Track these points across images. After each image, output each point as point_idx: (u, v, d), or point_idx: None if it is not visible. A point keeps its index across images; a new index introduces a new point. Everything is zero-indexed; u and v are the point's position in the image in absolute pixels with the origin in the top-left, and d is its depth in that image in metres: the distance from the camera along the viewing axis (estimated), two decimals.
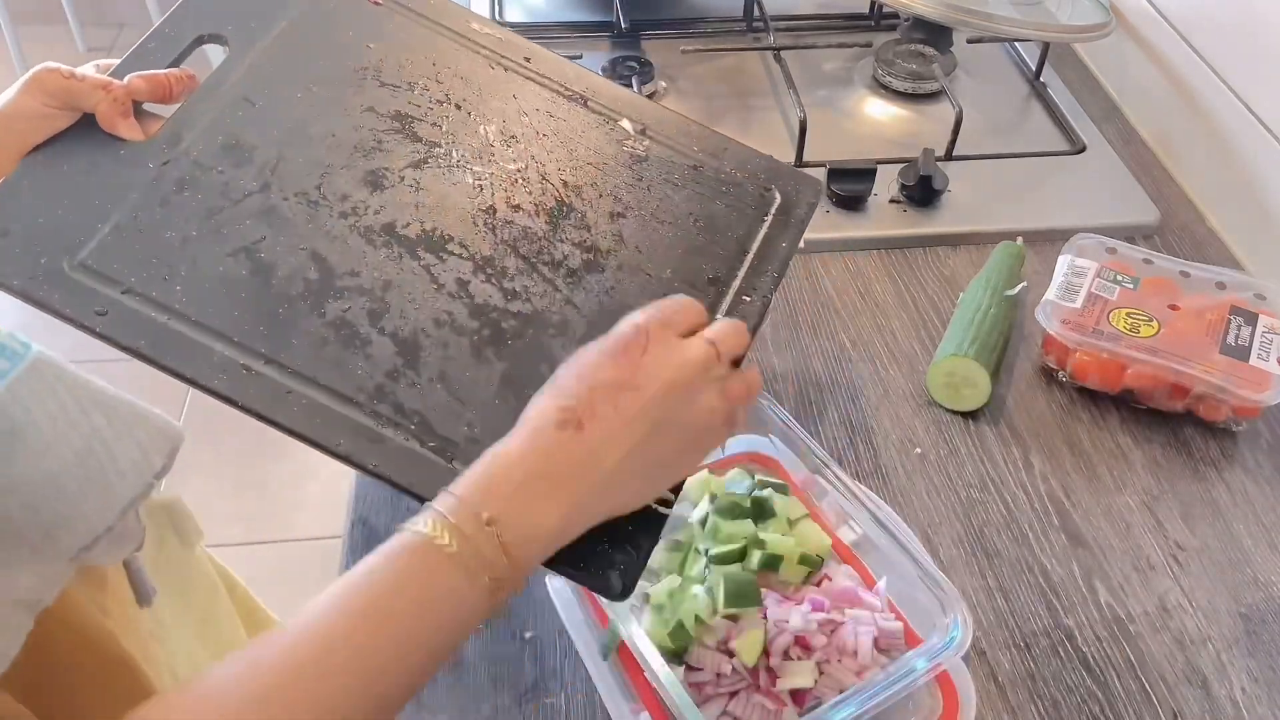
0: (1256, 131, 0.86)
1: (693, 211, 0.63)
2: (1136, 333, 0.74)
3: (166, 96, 0.60)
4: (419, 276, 0.57)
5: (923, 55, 1.06)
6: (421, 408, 0.53)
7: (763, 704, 0.54)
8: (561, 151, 0.64)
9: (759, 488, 0.63)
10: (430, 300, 0.56)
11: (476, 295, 0.57)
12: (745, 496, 0.62)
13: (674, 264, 0.60)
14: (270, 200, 0.58)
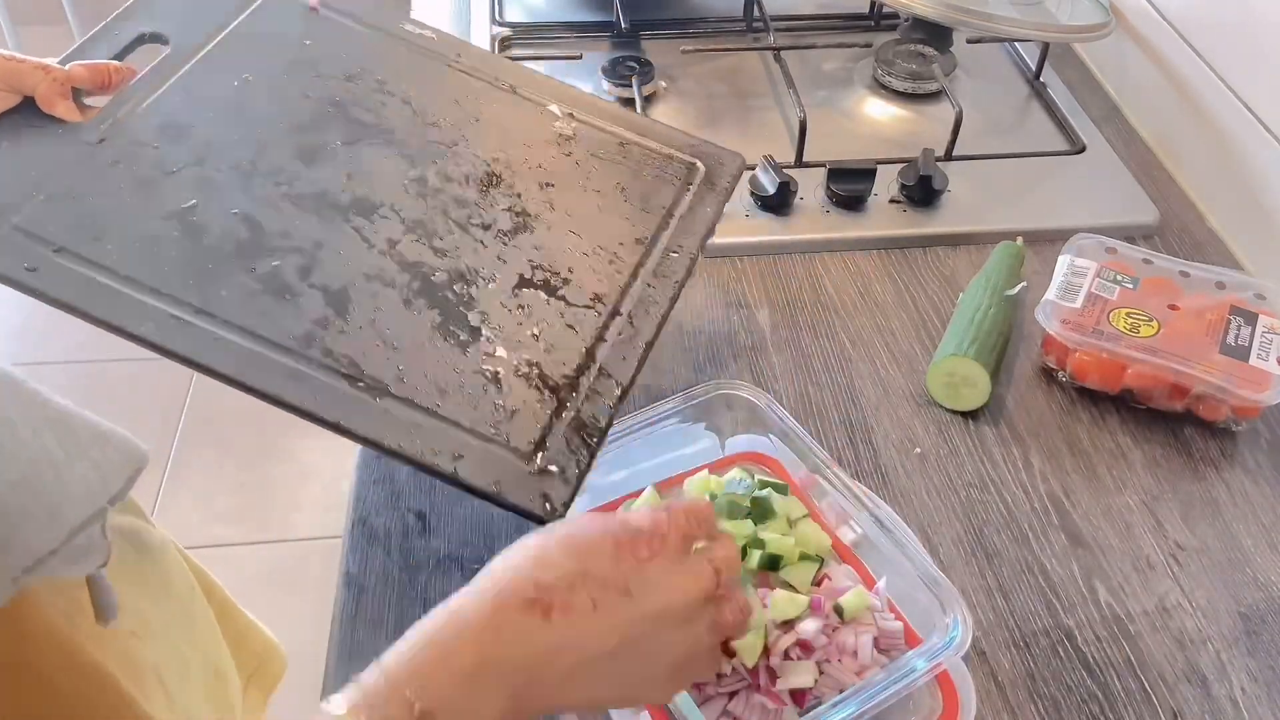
0: (1256, 131, 0.86)
1: (620, 182, 0.68)
2: (1136, 333, 0.74)
3: (106, 85, 0.62)
4: (349, 237, 0.60)
5: (923, 55, 1.06)
6: (351, 351, 0.55)
7: (763, 704, 0.54)
8: (492, 131, 0.69)
9: (759, 488, 0.63)
10: (361, 257, 0.60)
11: (407, 253, 0.61)
12: (745, 496, 0.62)
13: (602, 226, 0.65)
14: (204, 171, 0.61)
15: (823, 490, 0.63)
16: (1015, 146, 1.00)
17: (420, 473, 0.52)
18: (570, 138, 0.69)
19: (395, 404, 0.54)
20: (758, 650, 0.55)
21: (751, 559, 0.59)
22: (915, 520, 0.68)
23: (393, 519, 0.67)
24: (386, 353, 0.55)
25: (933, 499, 0.69)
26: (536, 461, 0.53)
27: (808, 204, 0.90)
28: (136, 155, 0.61)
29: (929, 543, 0.67)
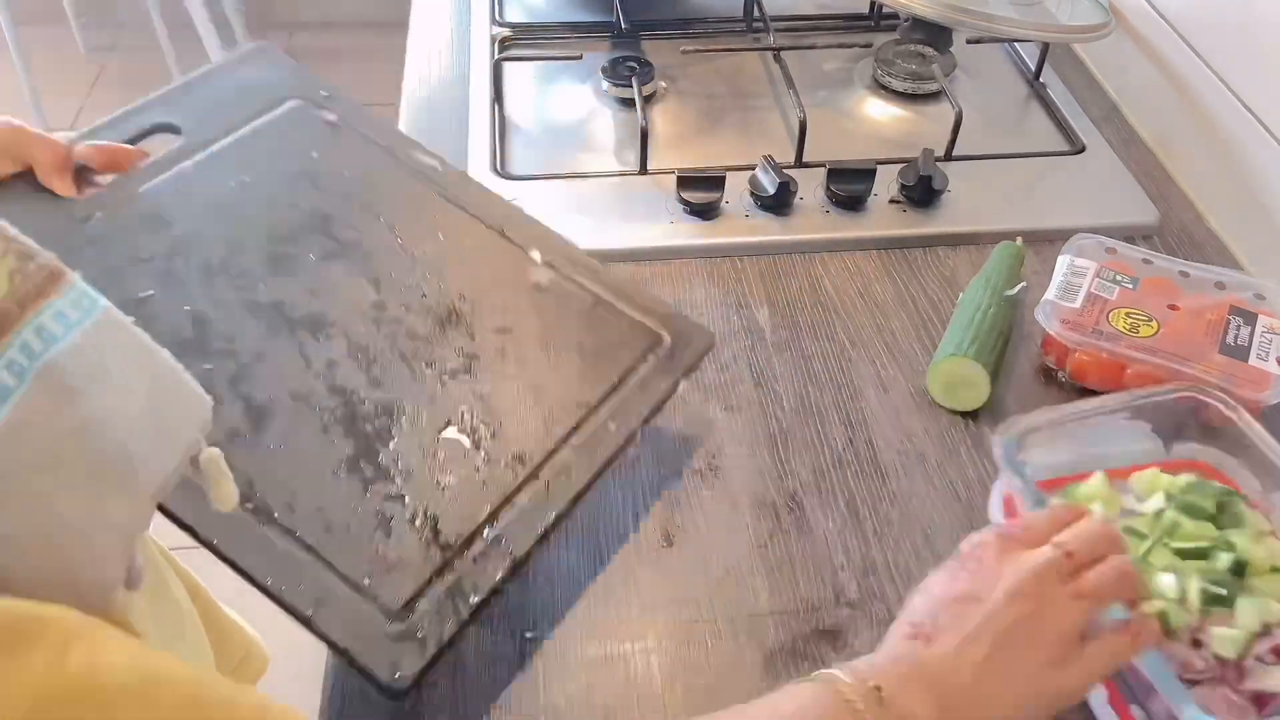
0: (1256, 131, 0.86)
1: (581, 340, 0.65)
2: (1136, 333, 0.73)
3: (115, 166, 0.64)
4: (290, 352, 0.60)
5: (922, 55, 1.06)
6: (250, 470, 0.54)
7: (1228, 696, 0.53)
8: (467, 269, 0.68)
9: (1222, 494, 0.62)
10: (295, 375, 0.59)
11: (341, 378, 0.60)
12: (1208, 497, 0.61)
13: (549, 383, 0.63)
14: (172, 265, 0.62)
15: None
16: (1015, 146, 1.00)
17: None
18: (544, 288, 0.68)
19: (276, 533, 0.53)
20: (1236, 644, 0.54)
21: (1218, 560, 0.57)
22: (915, 520, 0.68)
23: None
24: (286, 478, 0.55)
25: (932, 499, 0.69)
26: (401, 624, 0.51)
27: (808, 204, 0.90)
28: (114, 239, 0.61)
29: (929, 543, 0.67)
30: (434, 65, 1.10)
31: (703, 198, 0.88)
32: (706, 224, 0.89)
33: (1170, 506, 0.61)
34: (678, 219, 0.89)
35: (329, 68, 2.86)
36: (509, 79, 1.06)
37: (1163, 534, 0.60)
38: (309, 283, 0.64)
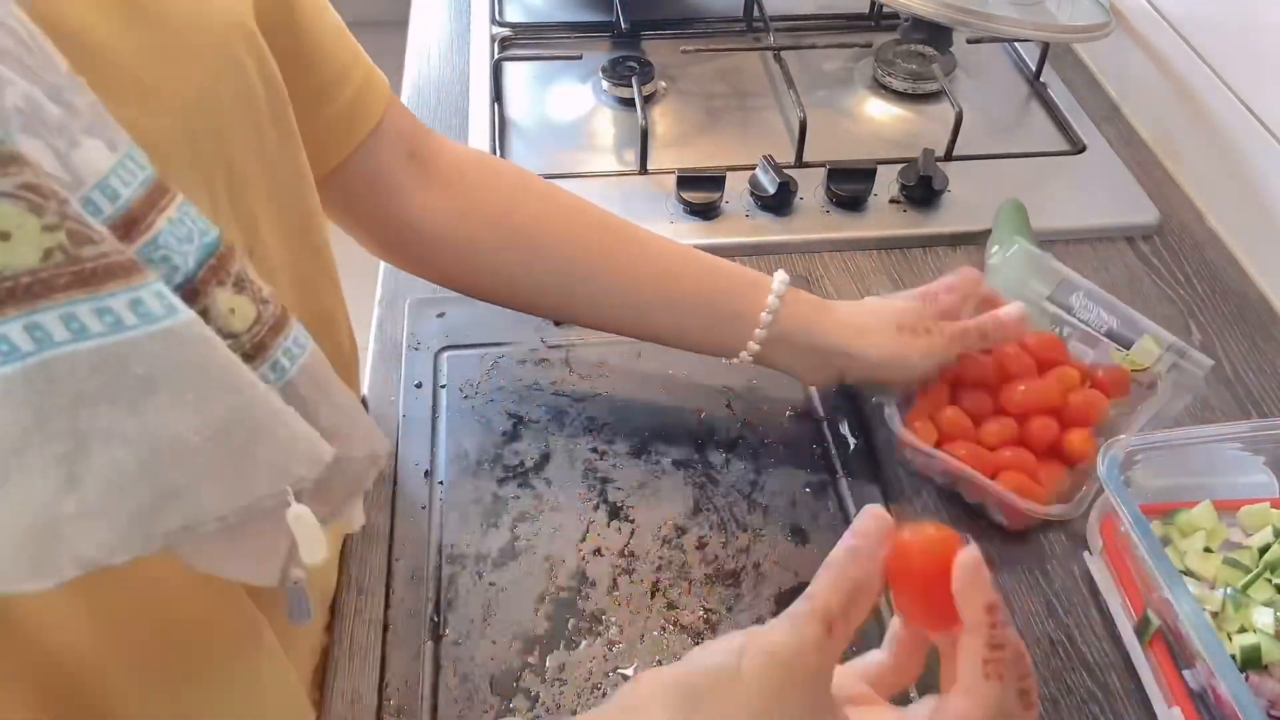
0: (1256, 131, 0.86)
1: None
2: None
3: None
4: (577, 519, 0.66)
5: (922, 55, 1.06)
6: (459, 588, 0.62)
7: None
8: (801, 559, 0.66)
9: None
10: (563, 539, 0.65)
11: (592, 569, 0.64)
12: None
13: None
14: (563, 404, 0.72)
15: None
16: (1015, 146, 1.00)
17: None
18: None
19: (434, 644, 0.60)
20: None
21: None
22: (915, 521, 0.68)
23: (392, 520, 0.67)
24: (479, 612, 0.62)
25: (932, 499, 0.69)
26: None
27: (808, 204, 0.90)
28: (556, 364, 0.76)
29: None
30: (434, 65, 1.10)
31: (703, 198, 0.88)
32: (706, 224, 0.89)
33: (1279, 542, 0.61)
34: (678, 219, 0.89)
35: None
36: (509, 79, 1.06)
37: (1266, 569, 0.60)
38: (645, 478, 0.68)
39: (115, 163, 0.34)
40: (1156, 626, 0.59)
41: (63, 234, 0.31)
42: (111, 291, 0.32)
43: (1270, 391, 0.77)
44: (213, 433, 0.35)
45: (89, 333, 0.32)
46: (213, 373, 0.35)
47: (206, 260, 0.37)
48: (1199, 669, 0.57)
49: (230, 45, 0.45)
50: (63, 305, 0.31)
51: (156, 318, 0.33)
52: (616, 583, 0.63)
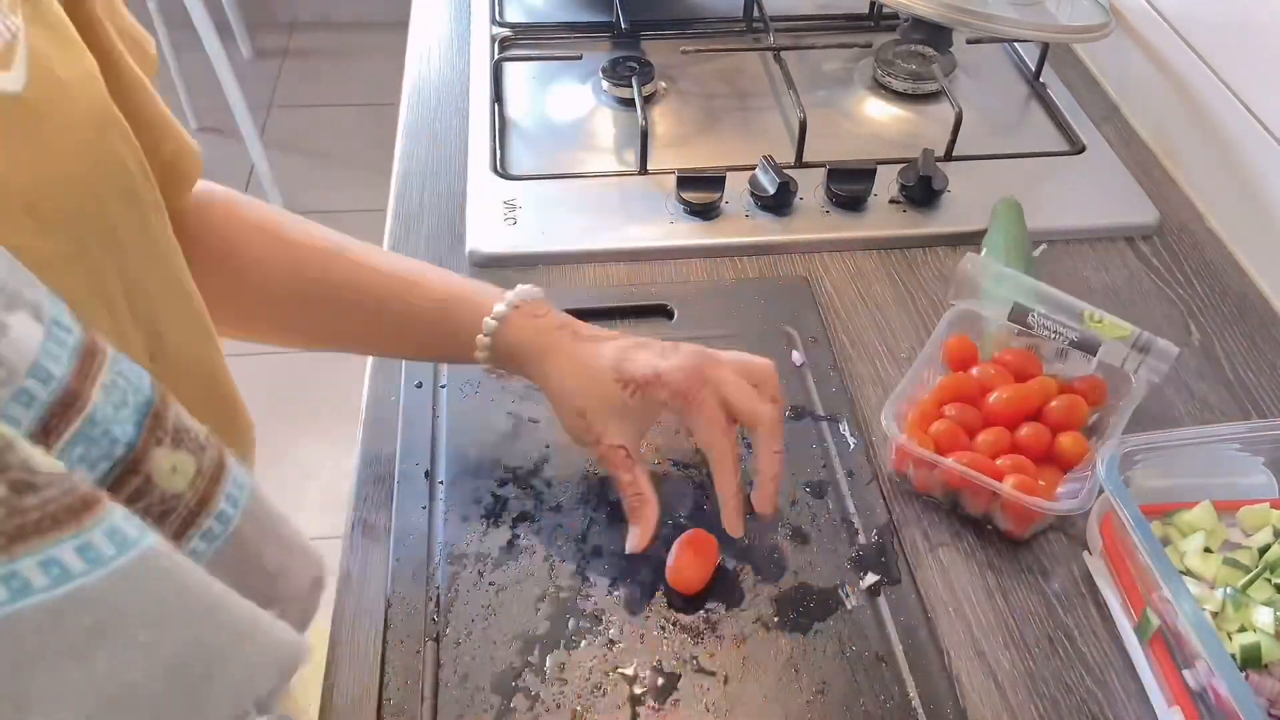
0: (1256, 131, 0.86)
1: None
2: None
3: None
4: (573, 546, 0.65)
5: (922, 56, 1.06)
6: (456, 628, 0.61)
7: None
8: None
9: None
10: (559, 548, 0.65)
11: (583, 600, 0.63)
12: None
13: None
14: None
15: None
16: (1015, 146, 1.00)
17: None
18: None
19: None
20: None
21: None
22: (915, 522, 0.68)
23: (392, 519, 0.67)
24: (469, 627, 0.61)
25: (932, 500, 0.69)
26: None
27: (808, 204, 0.90)
28: None
29: (928, 542, 0.67)
30: (434, 65, 1.10)
31: (703, 198, 0.88)
32: (706, 224, 0.89)
33: (1278, 543, 0.61)
34: (678, 219, 0.89)
35: (329, 68, 2.86)
36: (509, 79, 1.06)
37: (1266, 569, 0.60)
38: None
39: (43, 336, 0.32)
40: (1156, 626, 0.59)
41: (3, 487, 0.28)
42: (57, 539, 0.29)
43: (1270, 391, 0.77)
44: (167, 672, 0.33)
45: (32, 589, 0.29)
46: (170, 605, 0.33)
47: (144, 421, 0.35)
48: (1199, 669, 0.57)
49: (104, 138, 0.43)
50: (2, 565, 0.28)
51: (108, 559, 0.30)
52: (616, 583, 0.63)
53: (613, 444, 0.61)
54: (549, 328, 0.62)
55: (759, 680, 0.58)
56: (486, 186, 0.92)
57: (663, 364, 0.60)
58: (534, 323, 0.62)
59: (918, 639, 0.60)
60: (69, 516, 0.30)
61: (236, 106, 2.25)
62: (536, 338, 0.62)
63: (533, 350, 0.62)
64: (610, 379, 0.60)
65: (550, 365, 0.62)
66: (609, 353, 0.61)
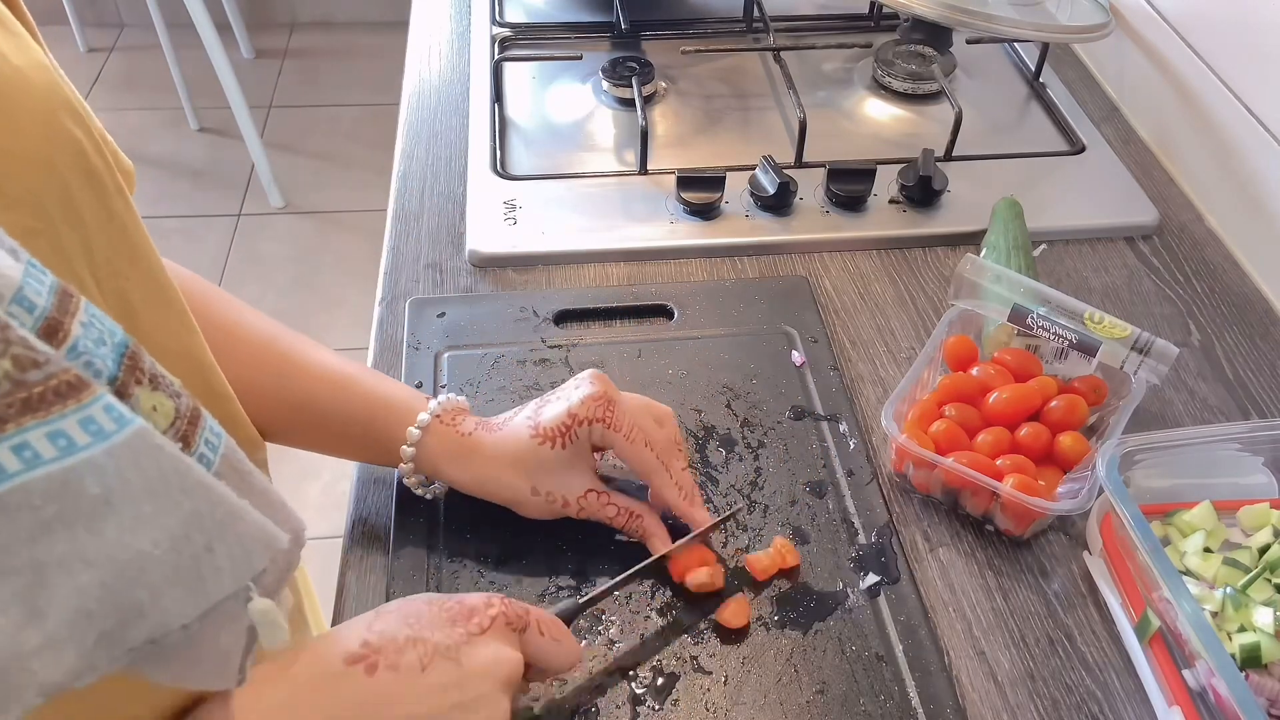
0: (1256, 131, 0.86)
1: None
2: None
3: None
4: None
5: (922, 56, 1.06)
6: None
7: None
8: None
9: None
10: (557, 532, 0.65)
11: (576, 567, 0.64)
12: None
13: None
14: None
15: None
16: (1015, 146, 1.00)
17: None
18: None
19: None
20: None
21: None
22: (914, 522, 0.68)
23: (392, 519, 0.67)
24: None
25: (931, 499, 0.69)
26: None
27: (807, 204, 0.90)
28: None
29: (928, 541, 0.67)
30: (434, 65, 1.10)
31: (703, 198, 0.88)
32: (706, 224, 0.89)
33: (1278, 543, 0.61)
34: (678, 219, 0.89)
35: (329, 68, 2.86)
36: (509, 79, 1.06)
37: (1266, 568, 0.60)
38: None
39: (23, 271, 0.33)
40: (1156, 626, 0.59)
41: (8, 361, 0.30)
42: (61, 413, 0.31)
43: (1270, 391, 0.78)
44: (173, 542, 0.34)
45: (42, 459, 0.31)
46: (169, 479, 0.34)
47: (122, 359, 0.36)
48: (1199, 669, 0.57)
49: (61, 121, 0.43)
50: (13, 435, 0.30)
51: (108, 434, 0.32)
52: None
53: (579, 496, 0.63)
54: (464, 434, 0.63)
55: (759, 680, 0.58)
56: (486, 186, 0.92)
57: (571, 404, 0.62)
58: (452, 431, 0.63)
59: (918, 639, 0.60)
60: (70, 392, 0.31)
61: (236, 106, 2.25)
62: (456, 444, 0.63)
63: (458, 455, 0.63)
64: (535, 446, 0.61)
65: (475, 464, 0.62)
66: (522, 424, 0.62)
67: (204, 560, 0.36)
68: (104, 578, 0.33)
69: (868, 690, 0.58)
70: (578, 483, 0.62)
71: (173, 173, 2.50)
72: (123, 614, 0.34)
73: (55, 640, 0.32)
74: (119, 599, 0.33)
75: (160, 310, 0.50)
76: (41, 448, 0.31)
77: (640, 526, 0.64)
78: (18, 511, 0.31)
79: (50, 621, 0.32)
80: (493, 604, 0.51)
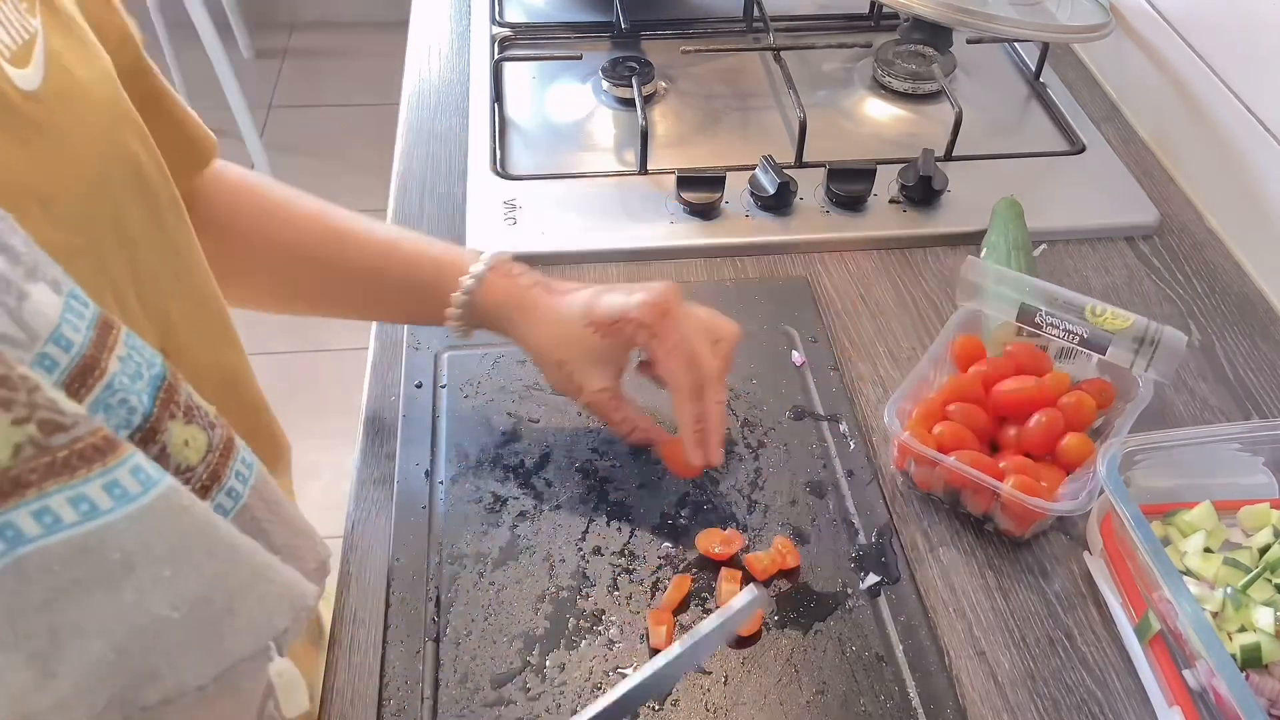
0: (1256, 131, 0.86)
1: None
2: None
3: None
4: (579, 518, 0.66)
5: (922, 55, 1.06)
6: (460, 591, 0.63)
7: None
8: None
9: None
10: (565, 535, 0.66)
11: (592, 569, 0.64)
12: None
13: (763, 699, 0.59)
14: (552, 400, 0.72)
15: None
16: (1015, 146, 1.00)
17: None
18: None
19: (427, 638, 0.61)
20: None
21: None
22: (914, 522, 0.68)
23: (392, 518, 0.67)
24: (475, 609, 0.62)
25: (932, 499, 0.69)
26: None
27: (807, 204, 0.90)
28: None
29: (928, 540, 0.67)
30: (434, 65, 1.10)
31: (703, 198, 0.88)
32: (706, 224, 0.89)
33: (1279, 543, 0.61)
34: (678, 219, 0.89)
35: (329, 68, 2.86)
36: (509, 79, 1.06)
37: (1266, 568, 0.60)
38: (644, 478, 0.68)
39: (63, 307, 0.33)
40: (1157, 627, 0.59)
41: (33, 426, 0.30)
42: (85, 477, 0.31)
43: (1270, 391, 0.77)
44: (192, 605, 0.34)
45: (62, 524, 0.30)
46: (192, 541, 0.34)
47: (157, 394, 0.36)
48: (1199, 669, 0.57)
49: (116, 133, 0.43)
50: (34, 500, 0.30)
51: (133, 497, 0.32)
52: (616, 582, 0.63)
53: (596, 389, 0.63)
54: (524, 286, 0.64)
55: (759, 680, 0.58)
56: (486, 186, 0.92)
57: (629, 300, 0.61)
58: (509, 282, 0.64)
59: (918, 639, 0.60)
60: (96, 455, 0.31)
61: (236, 106, 2.25)
62: (512, 296, 0.64)
63: (509, 308, 0.64)
64: (581, 326, 0.62)
65: (527, 321, 0.63)
66: (580, 301, 0.63)
67: (224, 622, 0.35)
68: (119, 642, 0.32)
69: (868, 690, 0.58)
70: (599, 376, 0.63)
71: None
72: (137, 677, 0.33)
73: (66, 703, 0.32)
74: (134, 663, 0.33)
75: (200, 324, 0.51)
76: (63, 512, 0.30)
77: (643, 438, 0.65)
78: (35, 576, 0.30)
79: (63, 684, 0.32)
80: None
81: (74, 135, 0.40)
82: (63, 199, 0.40)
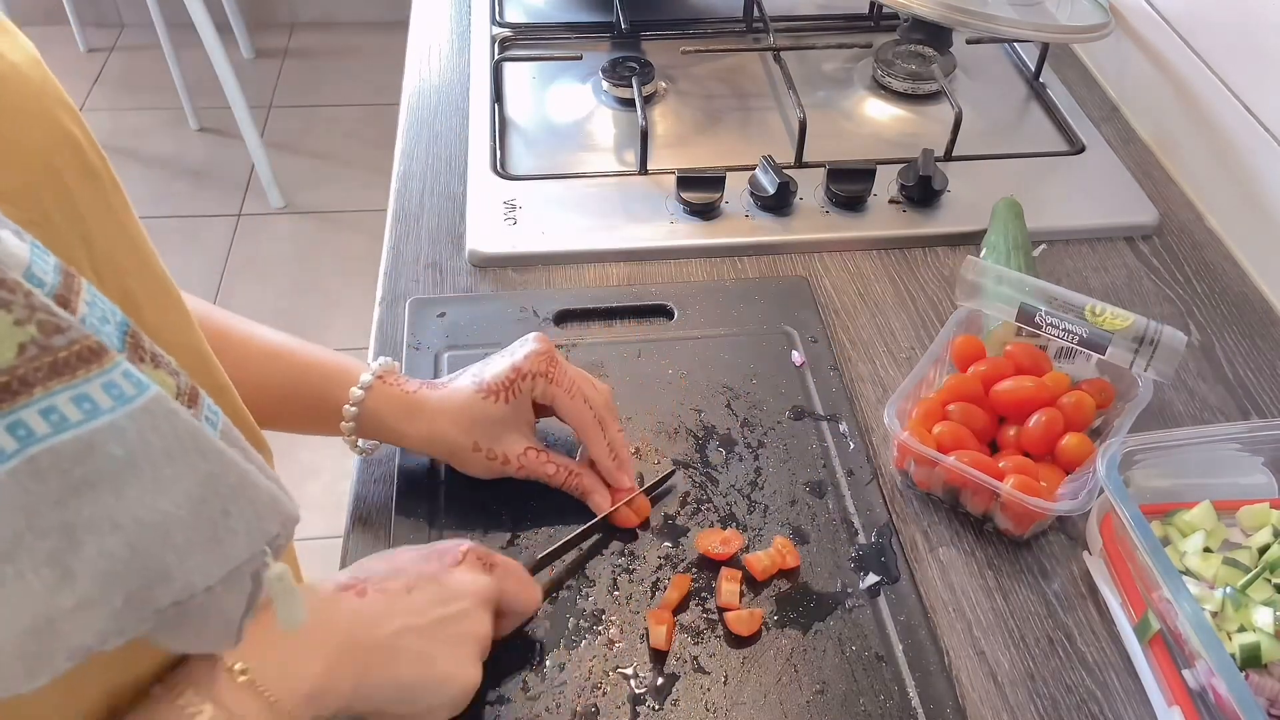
0: (1256, 131, 0.86)
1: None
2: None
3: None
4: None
5: (922, 56, 1.06)
6: None
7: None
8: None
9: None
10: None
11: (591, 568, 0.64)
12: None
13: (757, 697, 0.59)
14: None
15: None
16: (1015, 146, 1.00)
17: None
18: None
19: None
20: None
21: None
22: (914, 522, 0.68)
23: (392, 519, 0.67)
24: None
25: (931, 499, 0.69)
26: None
27: (807, 204, 0.90)
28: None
29: (928, 540, 0.67)
30: (434, 65, 1.10)
31: (703, 198, 0.88)
32: (706, 224, 0.89)
33: (1278, 542, 0.61)
34: (678, 219, 0.89)
35: (329, 68, 2.86)
36: (509, 79, 1.07)
37: (1265, 568, 0.60)
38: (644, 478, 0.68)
39: (30, 249, 0.34)
40: (1156, 627, 0.59)
41: (33, 326, 0.31)
42: (85, 377, 0.32)
43: (1269, 391, 0.78)
44: (192, 504, 0.35)
45: (69, 422, 0.32)
46: (186, 442, 0.35)
47: (125, 338, 0.36)
48: (1199, 669, 0.57)
49: (57, 116, 0.43)
50: (41, 399, 0.31)
51: (129, 397, 0.33)
52: (616, 582, 0.63)
53: (520, 452, 0.64)
54: (410, 391, 0.65)
55: (759, 680, 0.59)
56: (486, 186, 0.92)
57: (515, 359, 0.65)
58: (396, 389, 0.65)
59: (918, 639, 0.60)
60: (93, 357, 0.32)
61: (236, 106, 2.25)
62: (402, 402, 0.64)
63: (400, 413, 0.64)
64: (480, 401, 0.63)
65: (424, 420, 0.64)
66: (467, 383, 0.65)
67: (220, 524, 0.37)
68: (131, 539, 0.34)
69: (868, 690, 0.58)
70: (518, 440, 0.65)
71: (173, 173, 2.50)
72: (150, 576, 0.35)
73: (86, 601, 0.33)
74: (146, 561, 0.34)
75: (164, 307, 0.51)
76: (68, 411, 0.32)
77: (579, 484, 0.66)
78: (47, 474, 0.31)
79: (81, 583, 0.33)
80: (461, 544, 0.56)
81: (13, 116, 0.41)
82: (9, 173, 0.40)
